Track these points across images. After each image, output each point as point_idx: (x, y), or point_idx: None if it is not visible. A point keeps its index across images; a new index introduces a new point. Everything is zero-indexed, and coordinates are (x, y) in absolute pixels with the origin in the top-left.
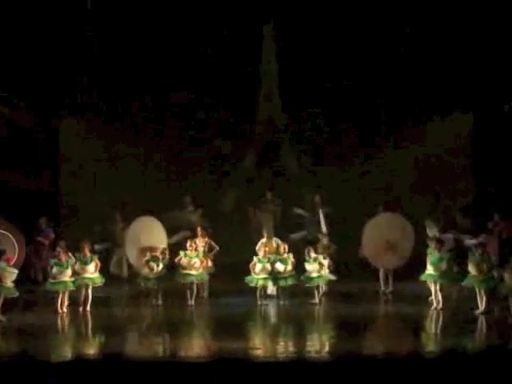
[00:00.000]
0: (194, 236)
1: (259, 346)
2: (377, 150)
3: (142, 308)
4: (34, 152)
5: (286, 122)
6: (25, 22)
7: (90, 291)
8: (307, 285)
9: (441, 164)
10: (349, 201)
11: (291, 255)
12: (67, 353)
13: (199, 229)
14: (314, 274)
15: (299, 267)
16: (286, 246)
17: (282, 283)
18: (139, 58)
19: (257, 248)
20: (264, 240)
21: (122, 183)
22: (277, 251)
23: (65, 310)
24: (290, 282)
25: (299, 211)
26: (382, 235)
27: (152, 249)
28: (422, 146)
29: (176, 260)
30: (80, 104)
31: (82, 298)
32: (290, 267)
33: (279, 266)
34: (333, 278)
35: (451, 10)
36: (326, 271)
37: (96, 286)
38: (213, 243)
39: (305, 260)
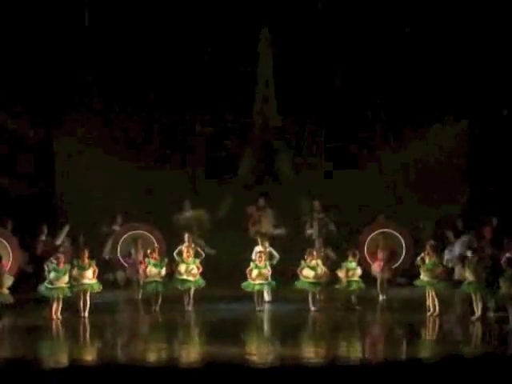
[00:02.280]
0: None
1: (255, 351)
2: (376, 150)
3: (139, 314)
4: (30, 157)
5: (282, 124)
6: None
7: (88, 297)
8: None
9: (439, 165)
10: (348, 203)
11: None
12: (65, 359)
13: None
14: (312, 280)
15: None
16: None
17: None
18: (138, 59)
19: (253, 256)
20: (259, 247)
21: (120, 186)
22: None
23: (59, 316)
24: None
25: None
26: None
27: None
28: (421, 147)
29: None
30: (78, 106)
31: (81, 304)
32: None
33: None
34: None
35: (451, 11)
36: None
37: (94, 292)
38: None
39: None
